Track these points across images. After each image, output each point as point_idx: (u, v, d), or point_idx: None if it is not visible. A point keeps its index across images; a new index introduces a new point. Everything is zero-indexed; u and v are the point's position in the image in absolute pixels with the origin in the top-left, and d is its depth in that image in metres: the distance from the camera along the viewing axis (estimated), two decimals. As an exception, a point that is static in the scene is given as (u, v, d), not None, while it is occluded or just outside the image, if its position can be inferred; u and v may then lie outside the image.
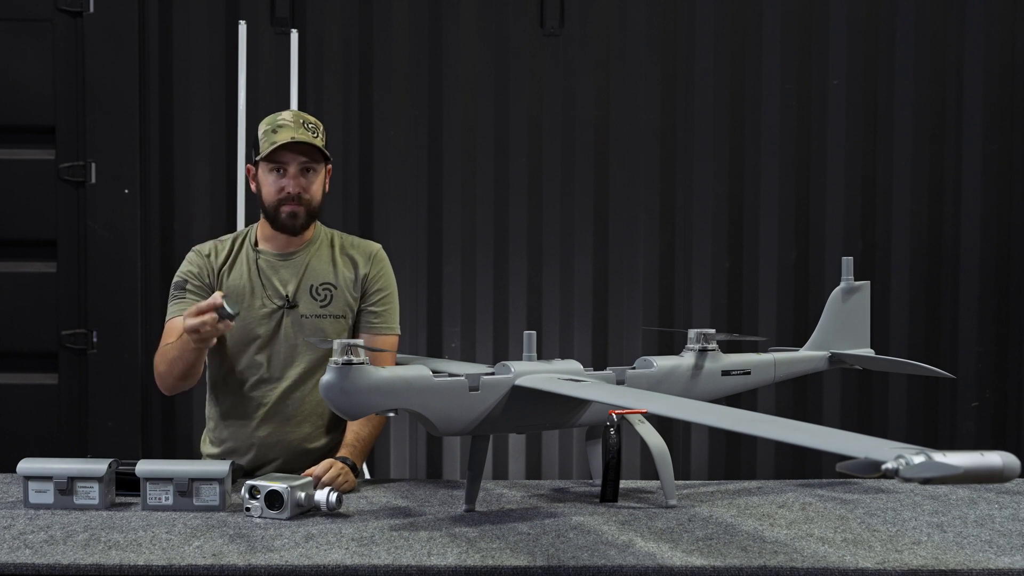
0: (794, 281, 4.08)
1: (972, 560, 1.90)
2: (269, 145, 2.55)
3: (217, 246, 2.68)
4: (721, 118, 4.08)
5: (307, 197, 2.59)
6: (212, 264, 2.64)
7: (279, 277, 2.62)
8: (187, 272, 2.65)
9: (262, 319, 2.61)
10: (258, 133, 2.61)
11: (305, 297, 2.61)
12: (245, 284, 2.62)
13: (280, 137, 2.55)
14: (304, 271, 2.62)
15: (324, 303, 2.61)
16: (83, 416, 3.91)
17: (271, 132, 2.57)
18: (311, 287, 2.62)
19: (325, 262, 2.64)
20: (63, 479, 2.24)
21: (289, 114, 2.62)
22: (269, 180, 2.58)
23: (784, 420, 1.79)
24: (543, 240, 4.07)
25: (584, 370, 2.29)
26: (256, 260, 2.63)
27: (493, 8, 4.04)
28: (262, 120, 2.65)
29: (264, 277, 2.62)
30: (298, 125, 2.58)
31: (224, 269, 2.64)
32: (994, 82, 4.09)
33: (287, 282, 2.61)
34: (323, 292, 2.62)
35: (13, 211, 3.91)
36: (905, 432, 4.05)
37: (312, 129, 2.60)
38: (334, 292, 2.62)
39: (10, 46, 3.90)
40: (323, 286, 2.62)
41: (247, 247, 2.66)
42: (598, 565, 1.87)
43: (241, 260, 2.65)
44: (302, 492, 2.19)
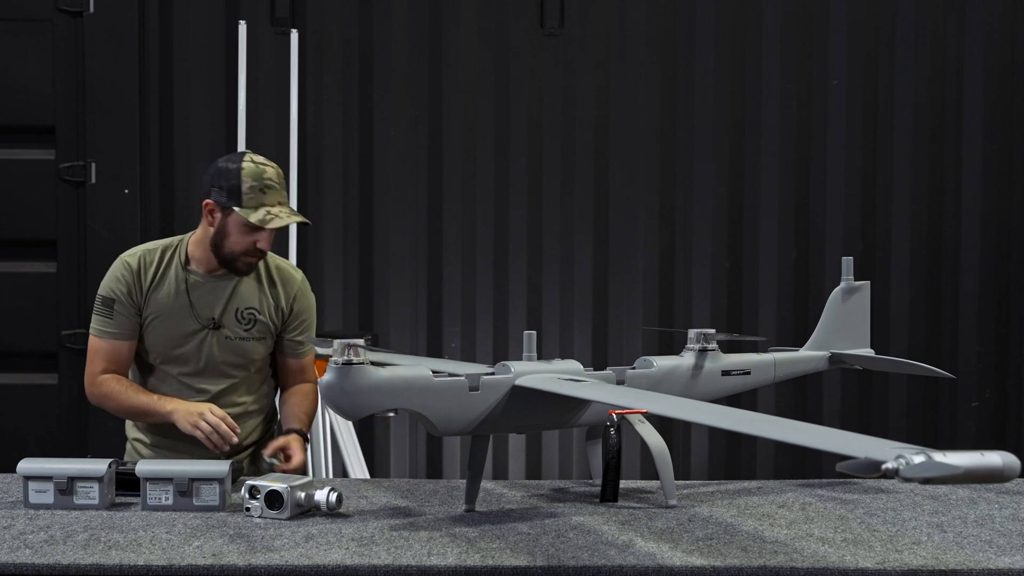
0: (794, 281, 4.09)
1: (972, 560, 1.90)
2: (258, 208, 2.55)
3: (146, 258, 2.65)
4: (721, 118, 4.08)
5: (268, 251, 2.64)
6: (141, 281, 2.63)
7: (207, 299, 2.65)
8: (115, 290, 2.63)
9: (187, 337, 2.64)
10: (240, 182, 2.56)
11: (230, 319, 2.66)
12: (171, 303, 2.63)
13: (270, 202, 2.56)
14: (231, 294, 2.66)
15: (248, 327, 2.67)
16: (83, 416, 3.91)
17: (259, 191, 2.56)
18: (237, 310, 2.66)
19: (252, 288, 2.68)
20: (63, 479, 2.24)
21: (274, 173, 2.61)
22: (241, 231, 2.57)
23: (784, 420, 1.79)
24: (543, 240, 4.07)
25: (584, 370, 2.29)
26: (186, 279, 2.64)
27: (493, 8, 4.04)
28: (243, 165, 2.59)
29: (192, 297, 2.64)
30: (281, 187, 2.60)
31: (152, 286, 2.64)
32: (994, 82, 4.09)
33: (214, 304, 2.64)
34: (248, 316, 2.66)
35: (13, 211, 3.91)
36: (905, 432, 4.05)
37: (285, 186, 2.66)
38: (257, 317, 2.67)
39: (10, 46, 3.90)
40: (248, 310, 2.66)
41: (176, 264, 2.65)
42: (598, 565, 1.87)
43: (170, 278, 2.64)
44: (302, 492, 2.19)
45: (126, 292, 2.62)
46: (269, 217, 2.55)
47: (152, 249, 2.68)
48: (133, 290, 2.62)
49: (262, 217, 2.55)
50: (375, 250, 4.06)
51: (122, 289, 2.63)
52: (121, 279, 2.63)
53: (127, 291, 2.62)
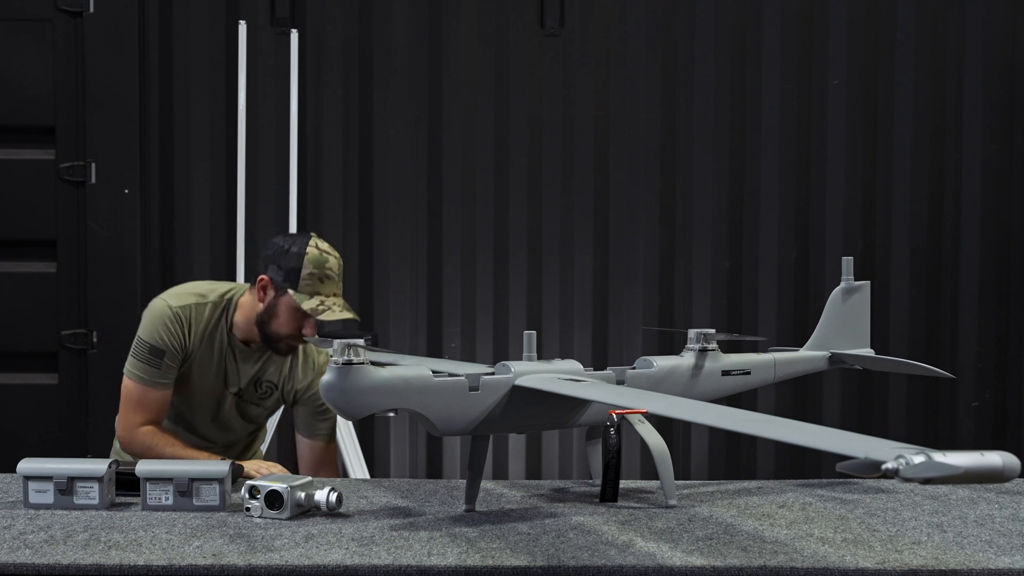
0: (794, 281, 4.08)
1: (972, 560, 1.90)
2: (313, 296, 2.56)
3: (196, 312, 2.65)
4: (721, 118, 4.08)
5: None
6: (190, 335, 2.64)
7: (240, 368, 2.70)
8: (166, 341, 2.62)
9: (206, 392, 2.70)
10: (300, 267, 2.56)
11: (250, 386, 2.72)
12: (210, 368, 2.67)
13: (326, 292, 2.57)
14: (260, 366, 2.71)
15: (263, 396, 2.75)
16: (83, 416, 3.91)
17: (318, 279, 2.57)
18: (258, 380, 2.72)
19: (280, 365, 2.72)
20: (63, 479, 2.24)
21: (336, 263, 2.61)
22: (291, 316, 2.58)
23: (784, 420, 1.79)
24: (543, 240, 4.07)
25: (584, 370, 2.29)
26: (230, 348, 2.67)
27: (493, 8, 4.04)
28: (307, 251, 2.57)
29: (229, 368, 2.69)
30: (340, 279, 2.62)
31: (198, 345, 2.66)
32: (994, 82, 4.09)
33: (244, 373, 2.70)
34: (266, 387, 2.73)
35: (13, 211, 3.91)
36: (905, 432, 4.05)
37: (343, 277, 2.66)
38: (274, 392, 2.75)
39: (10, 46, 3.90)
40: (268, 383, 2.73)
41: (223, 328, 2.67)
42: (598, 565, 1.87)
43: (215, 341, 2.66)
44: (302, 492, 2.19)
45: (176, 346, 2.63)
46: (322, 308, 2.55)
47: (201, 304, 2.66)
48: (182, 344, 2.64)
49: (315, 306, 2.55)
50: (375, 250, 4.06)
51: (173, 343, 2.63)
52: (172, 331, 2.63)
53: (178, 344, 2.63)
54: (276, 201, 3.96)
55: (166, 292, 2.73)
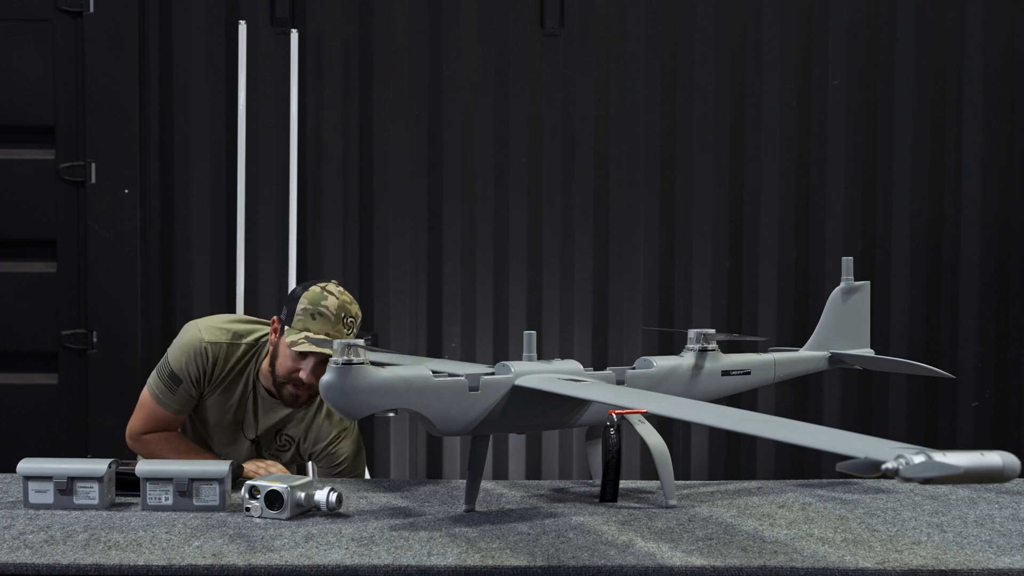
0: (794, 281, 4.08)
1: (972, 560, 1.90)
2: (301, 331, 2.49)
3: (228, 352, 2.62)
4: (721, 118, 4.08)
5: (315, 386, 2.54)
6: (212, 373, 2.62)
7: (259, 418, 2.68)
8: (186, 372, 2.61)
9: (227, 437, 2.70)
10: (297, 302, 2.52)
11: (268, 436, 2.71)
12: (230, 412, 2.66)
13: (316, 329, 2.48)
14: (285, 419, 2.69)
15: (281, 449, 2.73)
16: (83, 416, 3.91)
17: (310, 316, 2.50)
18: (277, 432, 2.70)
19: (302, 419, 2.70)
20: (63, 479, 2.24)
21: (335, 303, 2.52)
22: (287, 356, 2.52)
23: (784, 420, 1.79)
24: (543, 240, 4.07)
25: (584, 370, 2.29)
26: (253, 395, 2.65)
27: (493, 8, 4.04)
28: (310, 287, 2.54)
29: (248, 416, 2.68)
30: (338, 320, 2.51)
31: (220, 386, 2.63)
32: (994, 82, 4.09)
33: (264, 424, 2.68)
34: (284, 441, 2.72)
35: (13, 211, 3.91)
36: (905, 432, 4.05)
37: (350, 325, 2.54)
38: (291, 446, 2.72)
39: (10, 46, 3.90)
40: (287, 437, 2.71)
41: (250, 373, 2.64)
42: (598, 565, 1.87)
43: (237, 386, 2.64)
44: (302, 492, 2.19)
45: (196, 378, 2.62)
46: (301, 340, 2.47)
47: (235, 344, 2.63)
48: (203, 379, 2.62)
49: (296, 339, 2.48)
50: (375, 250, 4.06)
51: (194, 374, 2.62)
52: (196, 363, 2.60)
53: (198, 377, 2.62)
54: (276, 201, 3.96)
55: (207, 319, 2.69)
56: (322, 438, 2.72)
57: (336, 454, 2.74)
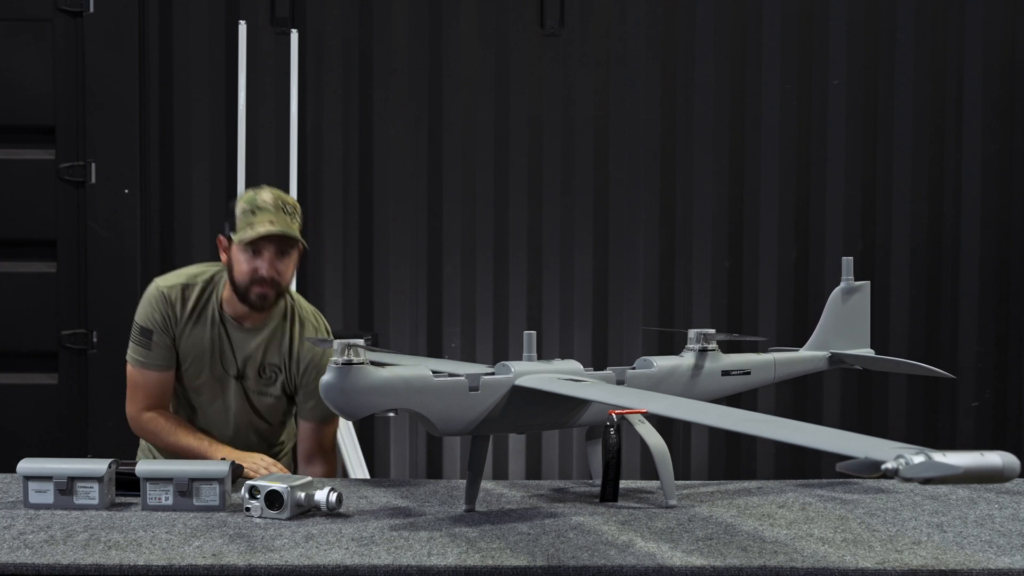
0: (794, 281, 4.08)
1: (972, 560, 1.90)
2: (247, 227, 2.54)
3: (184, 292, 2.66)
4: (721, 118, 4.08)
5: (279, 280, 2.60)
6: (176, 314, 2.64)
7: (235, 349, 2.67)
8: (152, 319, 2.65)
9: (210, 377, 2.68)
10: (235, 209, 2.59)
11: (253, 372, 2.69)
12: (205, 346, 2.66)
13: (259, 220, 2.54)
14: (259, 348, 2.68)
15: (269, 383, 2.70)
16: (83, 416, 3.91)
17: (250, 213, 2.56)
18: (261, 365, 2.68)
19: (277, 342, 2.68)
20: (63, 479, 2.24)
21: (269, 195, 2.59)
22: (242, 259, 2.57)
23: (784, 420, 1.79)
24: (543, 240, 4.07)
25: (584, 370, 2.29)
26: (222, 324, 2.66)
27: (493, 8, 4.04)
28: (243, 194, 2.62)
29: (223, 345, 2.67)
30: (278, 209, 2.57)
31: (188, 322, 2.65)
32: (994, 82, 4.09)
33: (243, 354, 2.67)
34: (270, 372, 2.69)
35: (13, 211, 3.91)
36: (905, 432, 4.05)
37: (291, 212, 2.60)
38: (279, 375, 2.70)
39: (10, 46, 3.90)
40: (271, 366, 2.69)
41: (213, 306, 2.66)
42: (598, 565, 1.87)
43: (205, 320, 2.66)
44: (302, 492, 2.19)
45: (163, 324, 2.64)
46: (250, 233, 2.53)
47: (191, 283, 2.67)
48: (170, 323, 2.64)
49: (245, 234, 2.53)
50: (375, 250, 4.06)
51: (159, 320, 2.64)
52: (159, 309, 2.64)
53: (164, 324, 2.64)
54: (276, 201, 3.96)
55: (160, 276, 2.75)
56: (304, 357, 2.68)
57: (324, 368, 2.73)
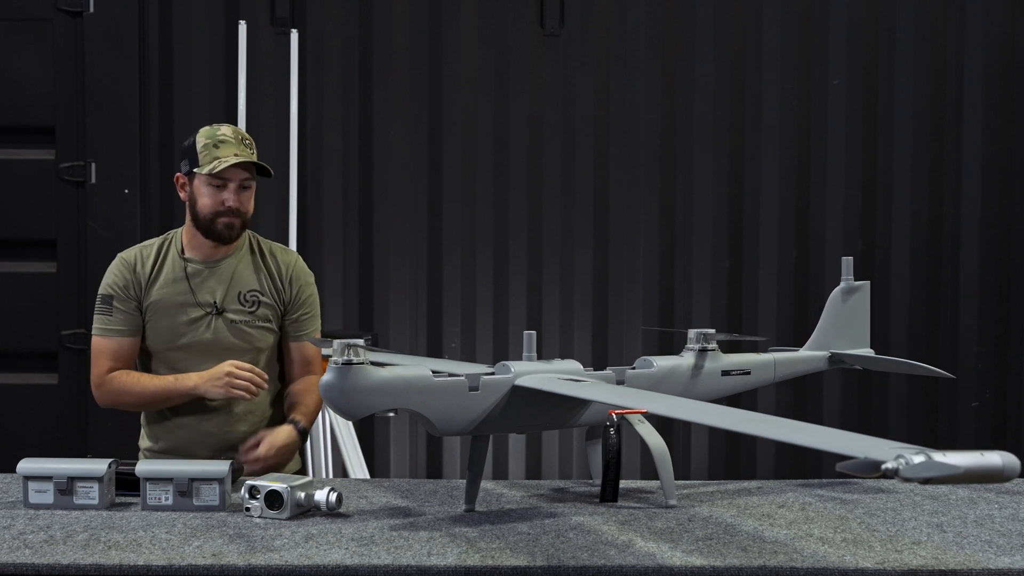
0: (794, 281, 4.09)
1: (972, 560, 1.90)
2: (212, 160, 2.57)
3: (143, 252, 2.68)
4: (721, 118, 4.08)
5: (244, 211, 2.63)
6: (139, 275, 2.64)
7: (206, 284, 2.65)
8: (113, 285, 2.65)
9: (190, 325, 2.63)
10: (196, 144, 2.61)
11: (234, 304, 2.64)
12: (171, 291, 2.64)
13: (223, 153, 2.58)
14: (231, 278, 2.66)
15: (252, 309, 2.66)
16: (83, 416, 3.91)
17: (212, 147, 2.59)
18: (239, 293, 2.65)
19: (250, 270, 2.68)
20: (63, 479, 2.24)
21: (229, 130, 2.63)
22: (207, 192, 2.59)
23: (784, 420, 1.79)
24: (543, 240, 4.07)
25: (584, 370, 2.29)
26: (184, 267, 2.65)
27: (493, 8, 4.04)
28: (198, 132, 2.64)
29: (192, 284, 2.64)
30: (239, 142, 2.61)
31: (151, 278, 2.65)
32: (994, 82, 4.09)
33: (215, 289, 2.64)
34: (251, 299, 2.66)
35: (13, 211, 3.91)
36: (905, 432, 4.05)
37: (249, 144, 2.65)
38: (261, 299, 2.67)
39: (10, 46, 3.90)
40: (251, 293, 2.66)
41: (174, 254, 2.67)
42: (598, 565, 1.87)
43: (168, 268, 2.66)
44: (302, 492, 2.19)
45: (123, 287, 2.64)
46: (218, 163, 2.56)
47: (148, 244, 2.70)
48: (131, 285, 2.63)
49: (212, 165, 2.57)
50: (375, 250, 4.06)
51: (119, 284, 2.64)
52: (118, 274, 2.65)
53: (124, 286, 2.64)
54: (276, 201, 3.96)
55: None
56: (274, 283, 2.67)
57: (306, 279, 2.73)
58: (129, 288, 2.63)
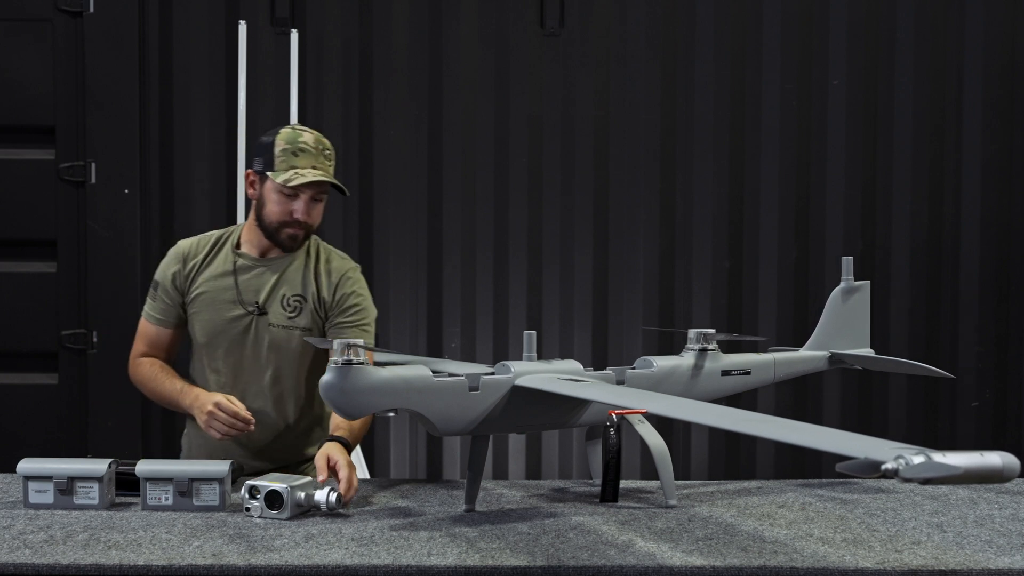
0: (794, 281, 4.08)
1: (972, 560, 1.91)
2: (287, 170, 2.48)
3: (200, 242, 2.65)
4: (721, 118, 4.08)
5: (312, 224, 2.56)
6: (188, 264, 2.61)
7: (253, 283, 2.57)
8: (162, 272, 2.64)
9: (231, 323, 2.58)
10: (273, 146, 2.51)
11: (275, 306, 2.56)
12: (216, 284, 2.58)
13: (301, 165, 2.48)
14: (279, 279, 2.57)
15: (293, 314, 2.56)
16: (83, 416, 3.91)
17: (291, 154, 2.49)
18: (283, 297, 2.56)
19: (300, 274, 2.58)
20: (63, 479, 2.24)
21: (311, 137, 2.53)
22: (276, 199, 2.51)
23: (784, 420, 1.79)
24: (543, 240, 4.07)
25: (584, 370, 2.29)
26: (234, 262, 2.59)
27: (493, 8, 4.04)
28: (280, 131, 2.54)
29: (239, 280, 2.58)
30: (319, 153, 2.52)
31: (200, 268, 2.61)
32: (994, 82, 4.09)
33: (260, 288, 2.57)
34: (294, 303, 2.56)
35: (13, 211, 3.91)
36: (905, 432, 4.05)
37: (329, 156, 2.55)
38: (303, 305, 2.57)
39: (10, 46, 3.90)
40: (295, 297, 2.57)
41: (228, 248, 2.62)
42: (598, 565, 1.87)
43: (218, 261, 2.61)
44: (302, 492, 2.19)
45: (171, 277, 2.62)
46: (294, 176, 2.47)
47: (208, 235, 2.67)
48: (179, 275, 2.61)
49: (288, 176, 2.47)
50: (375, 250, 4.06)
51: (168, 273, 2.62)
52: (169, 263, 2.63)
53: (172, 276, 2.61)
54: (276, 201, 3.96)
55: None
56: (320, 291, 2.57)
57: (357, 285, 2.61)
58: (176, 279, 2.61)
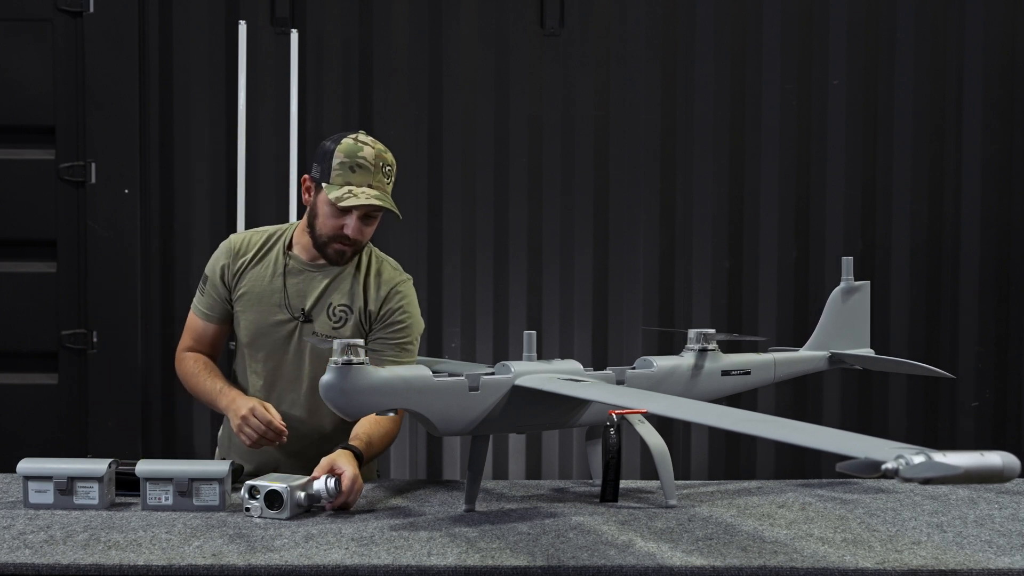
0: (794, 281, 4.08)
1: (972, 560, 1.90)
2: (342, 186, 2.40)
3: (251, 238, 2.57)
4: (721, 118, 4.08)
5: (362, 241, 2.49)
6: (237, 260, 2.54)
7: (300, 288, 2.51)
8: (212, 266, 2.59)
9: (275, 327, 2.53)
10: (332, 156, 2.42)
11: (322, 315, 2.50)
12: (265, 286, 2.52)
13: (357, 182, 2.40)
14: (328, 286, 2.51)
15: (338, 325, 2.50)
16: (83, 416, 3.91)
17: (348, 169, 2.40)
18: (329, 306, 2.50)
19: (348, 283, 2.51)
20: (63, 479, 2.24)
21: (372, 152, 2.43)
22: (328, 212, 2.43)
23: (784, 420, 1.79)
24: (543, 240, 4.07)
25: (584, 370, 2.29)
26: (285, 264, 2.52)
27: (493, 8, 4.04)
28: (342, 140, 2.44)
29: (287, 283, 2.51)
30: (378, 170, 2.42)
31: (249, 265, 2.54)
32: (994, 82, 4.09)
33: (307, 294, 2.51)
34: (339, 313, 2.50)
35: (13, 211, 3.91)
36: (905, 432, 4.05)
37: (389, 173, 2.46)
38: (349, 316, 2.51)
39: (10, 46, 3.90)
40: (341, 308, 2.50)
41: (280, 248, 2.54)
42: (598, 565, 1.87)
43: (268, 261, 2.54)
44: (302, 492, 2.19)
45: (220, 271, 2.56)
46: (348, 196, 2.39)
47: (261, 231, 2.60)
48: (227, 270, 2.55)
49: (340, 195, 2.39)
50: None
51: (217, 267, 2.57)
52: (219, 257, 2.58)
53: (221, 270, 2.56)
54: (276, 201, 3.96)
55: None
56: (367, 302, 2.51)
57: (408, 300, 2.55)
58: (224, 274, 2.56)
